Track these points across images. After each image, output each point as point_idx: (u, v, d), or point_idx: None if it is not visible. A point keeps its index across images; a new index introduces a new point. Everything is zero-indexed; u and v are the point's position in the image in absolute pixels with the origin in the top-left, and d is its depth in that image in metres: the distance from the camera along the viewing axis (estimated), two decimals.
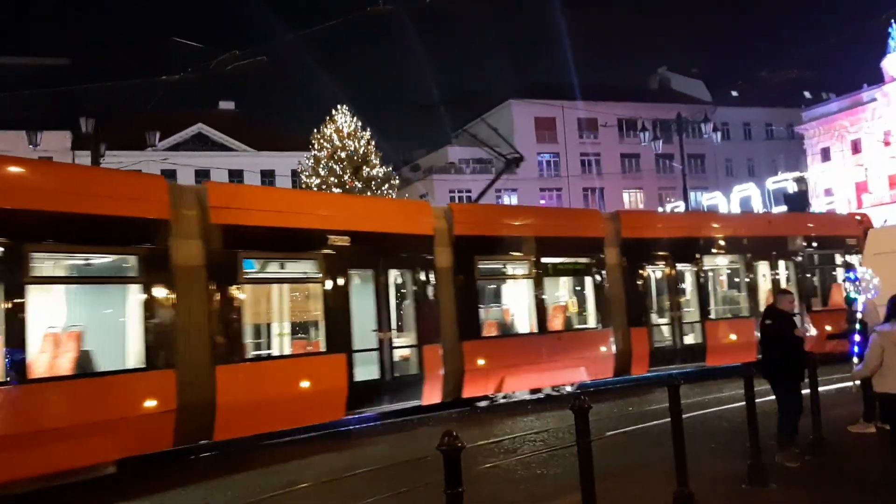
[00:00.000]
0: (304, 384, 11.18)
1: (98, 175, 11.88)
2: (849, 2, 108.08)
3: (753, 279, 18.05)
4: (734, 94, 63.27)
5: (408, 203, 13.82)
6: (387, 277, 12.75)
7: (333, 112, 34.58)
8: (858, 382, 9.73)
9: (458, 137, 64.85)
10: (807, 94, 64.10)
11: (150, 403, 9.36)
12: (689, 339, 16.80)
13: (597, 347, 15.37)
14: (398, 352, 12.73)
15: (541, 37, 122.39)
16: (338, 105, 34.78)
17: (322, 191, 31.14)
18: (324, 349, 11.64)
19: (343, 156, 33.46)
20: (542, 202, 53.85)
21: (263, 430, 10.96)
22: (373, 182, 33.42)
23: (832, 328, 17.81)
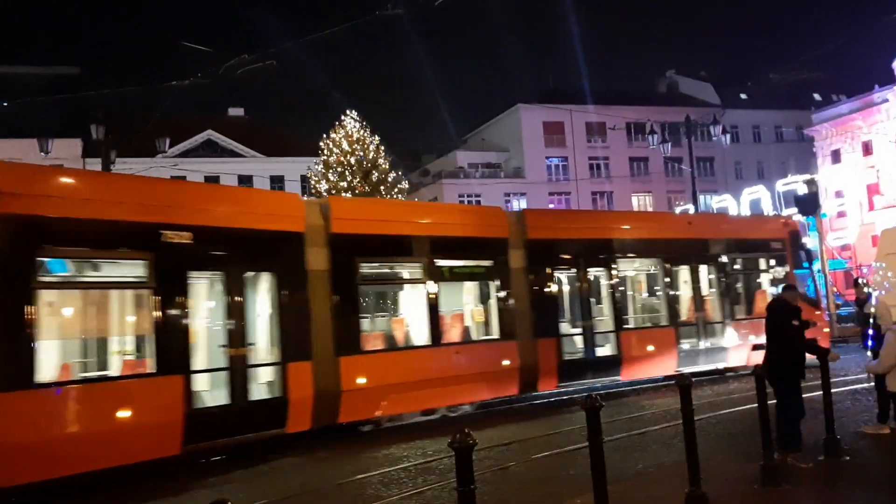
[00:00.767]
0: (123, 414, 9.33)
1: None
2: (859, 3, 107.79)
3: (673, 285, 16.78)
4: (743, 97, 63.12)
5: (273, 195, 12.91)
6: (241, 283, 11.00)
7: (342, 117, 34.67)
8: (873, 383, 9.71)
9: (467, 142, 65.21)
10: (816, 96, 63.89)
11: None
12: (603, 351, 15.32)
13: (499, 361, 13.72)
14: (255, 371, 10.92)
15: (549, 42, 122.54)
16: (346, 110, 34.88)
17: (331, 195, 31.07)
18: (152, 370, 9.78)
19: (352, 161, 33.52)
20: (552, 206, 53.78)
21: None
22: (382, 187, 33.44)
23: (758, 338, 16.36)
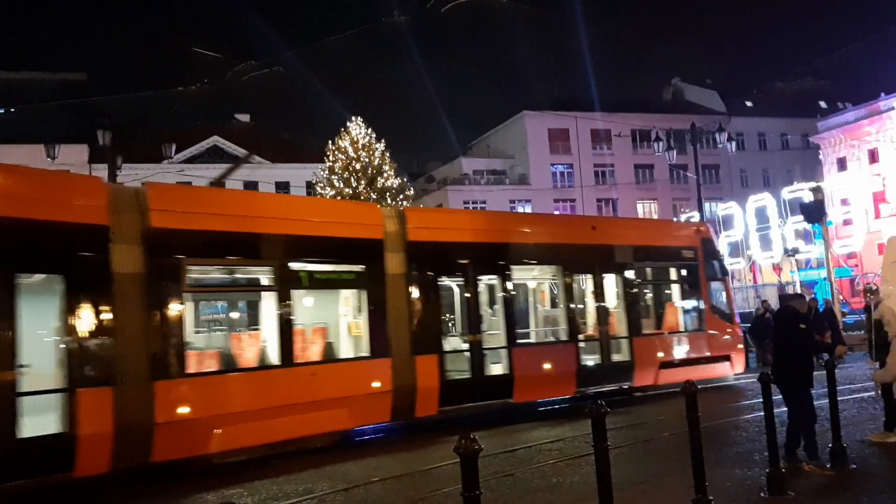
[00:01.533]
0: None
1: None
2: (865, 11, 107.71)
3: (574, 296, 15.14)
4: (749, 105, 63.17)
5: (65, 177, 10.94)
6: (12, 289, 8.58)
7: (348, 123, 34.75)
8: (879, 391, 9.69)
9: (472, 149, 65.31)
10: (822, 104, 63.86)
11: None
12: (493, 370, 13.59)
13: (367, 383, 11.77)
14: (32, 401, 8.60)
15: (555, 49, 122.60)
16: (352, 117, 34.98)
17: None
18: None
19: (358, 167, 33.58)
20: (557, 213, 53.81)
21: None
22: (387, 193, 33.50)
23: (665, 355, 15.92)
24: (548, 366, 14.15)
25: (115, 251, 9.50)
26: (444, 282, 13.76)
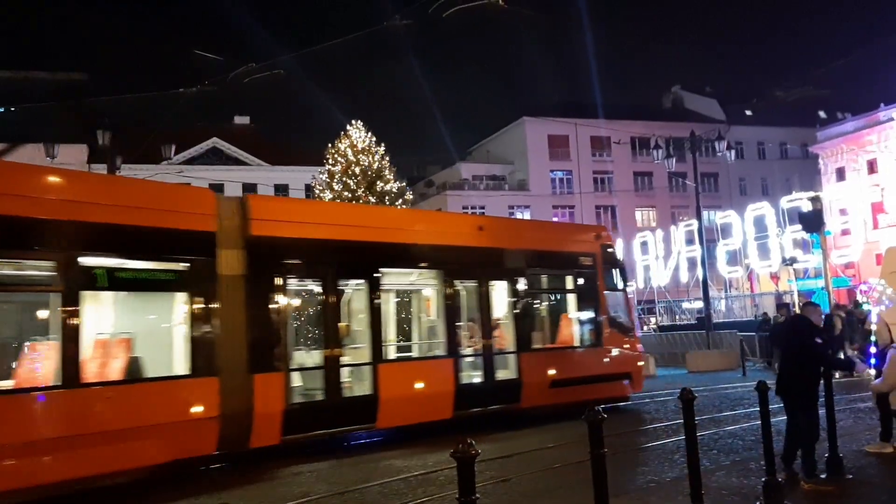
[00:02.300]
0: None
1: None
2: (866, 21, 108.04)
3: (455, 305, 13.34)
4: (748, 113, 63.24)
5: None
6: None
7: (348, 127, 34.74)
8: (875, 400, 9.71)
9: (471, 154, 65.42)
10: (822, 114, 63.97)
11: None
12: (353, 391, 11.85)
13: (185, 408, 9.71)
14: None
15: (555, 56, 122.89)
16: (352, 120, 34.96)
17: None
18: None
19: (357, 171, 33.57)
20: (555, 220, 53.87)
21: None
22: (386, 197, 33.49)
23: (557, 372, 14.22)
24: (420, 385, 12.37)
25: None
26: (296, 286, 11.90)
